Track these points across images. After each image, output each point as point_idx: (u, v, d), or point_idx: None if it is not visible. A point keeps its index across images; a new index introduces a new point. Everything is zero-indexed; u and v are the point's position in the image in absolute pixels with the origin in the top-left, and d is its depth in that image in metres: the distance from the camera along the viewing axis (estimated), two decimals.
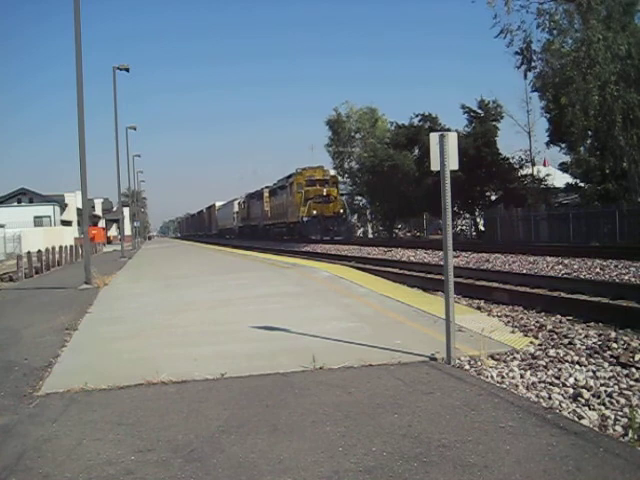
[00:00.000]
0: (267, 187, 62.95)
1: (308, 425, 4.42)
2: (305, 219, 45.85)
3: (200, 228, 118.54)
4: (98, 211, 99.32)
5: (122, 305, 11.74)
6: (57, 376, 6.26)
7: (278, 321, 8.31)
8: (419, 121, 52.58)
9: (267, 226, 61.10)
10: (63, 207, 78.01)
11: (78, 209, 72.47)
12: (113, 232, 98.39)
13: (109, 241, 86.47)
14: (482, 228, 44.94)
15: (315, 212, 45.47)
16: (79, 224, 72.28)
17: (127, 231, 71.74)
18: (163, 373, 5.89)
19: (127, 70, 33.97)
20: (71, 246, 37.01)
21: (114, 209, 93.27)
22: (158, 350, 7.19)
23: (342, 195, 52.92)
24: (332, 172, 54.29)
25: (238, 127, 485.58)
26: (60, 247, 32.36)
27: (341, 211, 48.05)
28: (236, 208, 79.90)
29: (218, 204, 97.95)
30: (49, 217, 71.48)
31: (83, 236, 21.15)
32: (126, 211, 72.34)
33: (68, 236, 56.08)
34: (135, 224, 68.88)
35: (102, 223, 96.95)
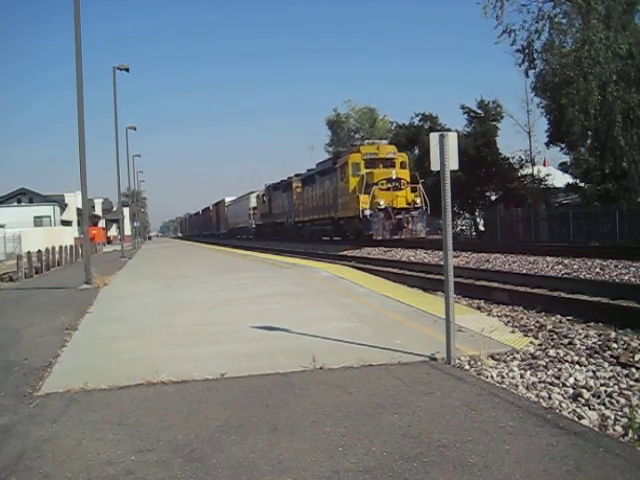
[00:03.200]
0: (297, 175, 51.47)
1: (308, 425, 4.42)
2: (368, 212, 31.31)
3: (205, 227, 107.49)
4: (98, 211, 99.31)
5: (122, 305, 11.74)
6: (57, 376, 6.26)
7: (278, 321, 8.31)
8: (419, 121, 52.67)
9: (299, 223, 47.56)
10: (63, 207, 78.00)
11: (78, 209, 72.46)
12: (113, 232, 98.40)
13: (109, 241, 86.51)
14: (482, 228, 44.92)
15: (383, 202, 31.19)
16: (79, 224, 72.27)
17: (127, 231, 71.77)
18: (163, 373, 5.88)
19: (127, 70, 33.98)
20: (71, 246, 37.02)
21: (114, 209, 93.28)
22: (158, 350, 7.19)
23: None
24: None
25: (238, 127, 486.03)
26: (60, 247, 32.36)
27: (418, 201, 31.82)
28: (253, 203, 68.05)
29: (228, 199, 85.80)
30: (49, 217, 71.47)
31: (83, 236, 21.15)
32: (126, 211, 72.35)
33: (68, 236, 56.06)
34: (135, 224, 68.87)
35: (102, 223, 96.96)
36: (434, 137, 6.25)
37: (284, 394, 5.21)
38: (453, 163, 6.22)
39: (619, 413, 4.73)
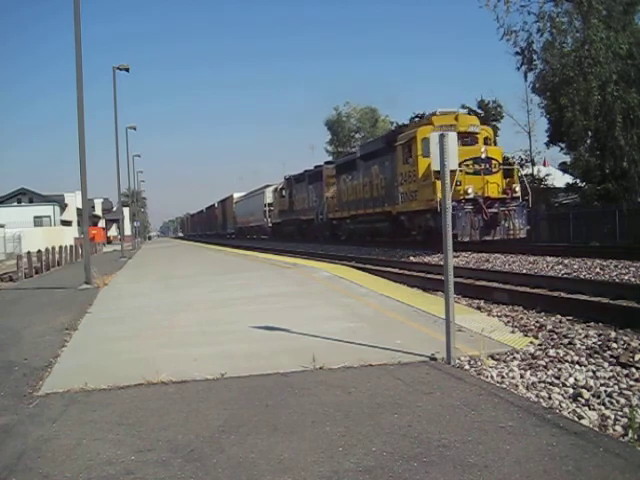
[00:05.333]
0: (329, 162, 44.60)
1: (308, 425, 4.42)
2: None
3: (209, 227, 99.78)
4: (98, 211, 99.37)
5: (122, 305, 11.75)
6: (57, 376, 6.26)
7: (278, 321, 8.31)
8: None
9: (335, 221, 38.76)
10: (63, 207, 78.09)
11: (78, 209, 72.48)
12: (113, 232, 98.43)
13: (109, 241, 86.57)
14: None
15: (471, 191, 22.65)
16: (79, 224, 72.29)
17: (127, 231, 71.80)
18: (163, 373, 5.88)
19: (127, 70, 34.04)
20: (71, 246, 37.03)
21: (114, 209, 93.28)
22: (158, 350, 7.19)
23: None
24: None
25: (238, 128, 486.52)
26: (60, 247, 32.38)
27: (517, 189, 23.56)
28: (268, 199, 58.93)
29: (237, 195, 76.85)
30: (49, 217, 71.55)
31: (83, 236, 21.16)
32: (126, 211, 72.29)
33: (68, 236, 56.12)
34: (135, 224, 68.88)
35: (102, 223, 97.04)
36: (434, 137, 6.26)
37: (284, 394, 5.20)
38: (453, 163, 6.23)
39: (619, 413, 4.73)
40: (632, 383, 5.46)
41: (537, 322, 8.70)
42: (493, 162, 23.75)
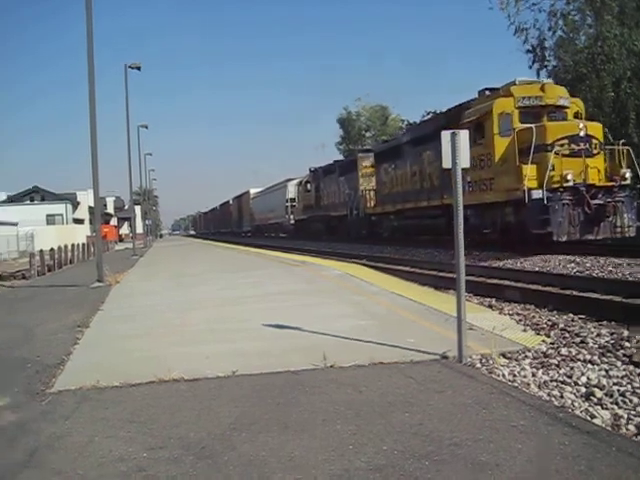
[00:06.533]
0: (364, 151, 39.64)
1: (319, 423, 4.42)
2: (538, 194, 17.82)
3: (223, 224, 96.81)
4: (110, 209, 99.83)
5: (134, 303, 11.79)
6: (69, 374, 6.29)
7: (288, 319, 8.31)
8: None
9: (374, 216, 33.90)
10: (75, 205, 78.51)
11: (90, 207, 72.87)
12: (125, 230, 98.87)
13: (121, 239, 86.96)
14: None
15: (571, 177, 17.99)
16: (91, 222, 72.61)
17: (139, 229, 72.08)
18: (175, 371, 5.90)
19: (138, 69, 34.06)
20: (83, 244, 37.25)
21: (126, 207, 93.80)
22: (169, 348, 7.22)
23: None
24: None
25: (249, 126, 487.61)
26: (72, 245, 32.57)
27: (627, 175, 18.95)
28: (291, 193, 54.56)
29: (254, 191, 73.15)
30: (61, 215, 71.95)
31: (95, 234, 21.26)
32: (138, 209, 72.58)
33: (80, 234, 56.37)
34: (147, 222, 69.18)
35: (114, 221, 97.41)
36: (446, 135, 6.24)
37: (295, 392, 5.21)
38: (464, 161, 6.21)
39: (632, 412, 4.71)
40: None
41: (549, 320, 8.66)
42: (594, 141, 18.92)
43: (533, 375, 5.71)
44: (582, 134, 18.54)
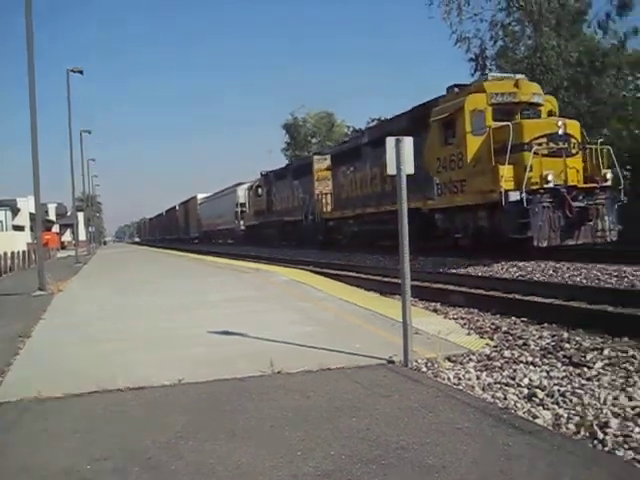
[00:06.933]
0: (319, 154, 38.11)
1: (266, 430, 4.41)
2: (517, 197, 16.58)
3: (169, 231, 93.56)
4: (52, 216, 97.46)
5: (77, 311, 11.55)
6: (9, 385, 6.12)
7: (236, 326, 8.26)
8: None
9: (332, 221, 32.24)
10: (15, 212, 76.42)
11: (31, 214, 71.02)
12: (67, 237, 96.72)
13: (63, 246, 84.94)
14: None
15: (551, 178, 16.90)
16: (32, 229, 70.89)
17: (82, 236, 70.68)
18: (119, 380, 5.80)
19: (81, 72, 33.50)
20: (24, 252, 36.28)
21: (68, 214, 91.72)
22: (114, 356, 7.09)
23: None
24: None
25: (191, 138, 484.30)
26: (12, 253, 31.71)
27: (608, 176, 17.72)
28: (241, 198, 52.76)
29: (202, 196, 71.42)
30: (0, 222, 69.98)
31: (36, 241, 20.77)
32: (80, 216, 71.15)
33: (20, 241, 54.83)
34: (90, 229, 67.91)
35: (56, 228, 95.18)
36: (390, 141, 6.31)
37: (242, 399, 5.18)
38: (409, 167, 6.30)
39: (572, 412, 4.83)
40: (584, 382, 5.58)
41: (492, 324, 8.82)
42: (572, 140, 17.83)
43: (477, 378, 5.81)
44: (561, 132, 17.56)
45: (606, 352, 6.61)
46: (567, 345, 7.02)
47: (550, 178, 16.77)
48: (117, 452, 4.13)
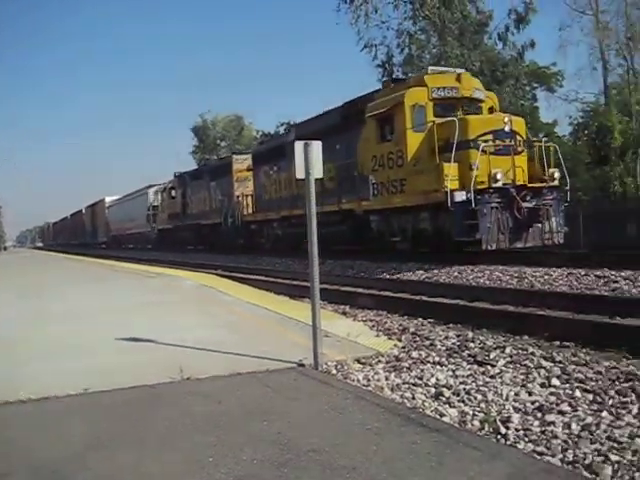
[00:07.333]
0: (238, 153, 36.72)
1: (177, 437, 4.34)
2: (463, 197, 15.67)
3: (75, 235, 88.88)
4: None
5: None
6: None
7: (143, 332, 8.09)
8: (285, 130, 53.09)
9: (254, 224, 30.47)
10: None
11: None
12: None
13: None
14: None
15: (500, 177, 15.97)
16: None
17: None
18: (21, 391, 5.58)
19: None
20: None
21: None
22: (15, 367, 6.80)
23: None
24: None
25: (94, 137, 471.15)
26: None
27: (556, 175, 17.12)
28: (153, 200, 50.05)
29: (110, 199, 66.97)
30: None
31: None
32: None
33: None
34: None
35: None
36: (299, 145, 6.35)
37: (152, 406, 5.09)
38: (317, 171, 6.36)
39: (477, 409, 4.99)
40: (488, 380, 5.78)
41: (400, 325, 9.00)
42: (518, 138, 16.96)
43: (386, 379, 5.91)
44: (507, 129, 16.59)
45: (508, 350, 6.87)
46: (472, 344, 7.25)
47: (499, 177, 15.87)
48: (20, 467, 3.97)
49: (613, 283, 11.84)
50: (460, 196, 15.54)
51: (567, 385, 5.52)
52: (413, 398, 5.35)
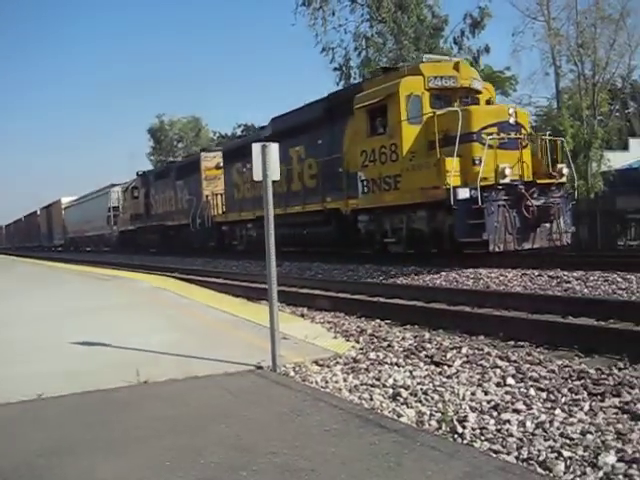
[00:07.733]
0: (206, 150, 34.94)
1: (132, 441, 4.28)
2: (466, 193, 14.23)
3: (30, 238, 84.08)
4: None
5: None
6: None
7: (98, 336, 7.96)
8: (242, 131, 52.96)
9: (225, 225, 28.89)
10: None
11: None
12: None
13: None
14: None
15: (509, 172, 14.49)
16: None
17: None
18: None
19: None
20: None
21: None
22: None
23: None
24: None
25: (45, 136, 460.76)
26: None
27: (564, 171, 15.70)
28: (114, 201, 47.45)
29: (67, 200, 63.79)
30: None
31: None
32: None
33: None
34: None
35: None
36: (257, 147, 6.33)
37: (107, 411, 5.01)
38: (275, 174, 6.35)
39: (434, 408, 5.02)
40: (445, 380, 5.83)
41: (358, 327, 9.02)
42: (523, 131, 15.69)
43: (344, 380, 5.92)
44: (512, 121, 15.29)
45: (464, 350, 6.94)
46: (429, 345, 7.31)
47: (508, 172, 14.53)
48: None
49: (565, 283, 12.08)
50: (464, 193, 14.31)
51: (522, 384, 5.60)
52: (371, 399, 5.37)
